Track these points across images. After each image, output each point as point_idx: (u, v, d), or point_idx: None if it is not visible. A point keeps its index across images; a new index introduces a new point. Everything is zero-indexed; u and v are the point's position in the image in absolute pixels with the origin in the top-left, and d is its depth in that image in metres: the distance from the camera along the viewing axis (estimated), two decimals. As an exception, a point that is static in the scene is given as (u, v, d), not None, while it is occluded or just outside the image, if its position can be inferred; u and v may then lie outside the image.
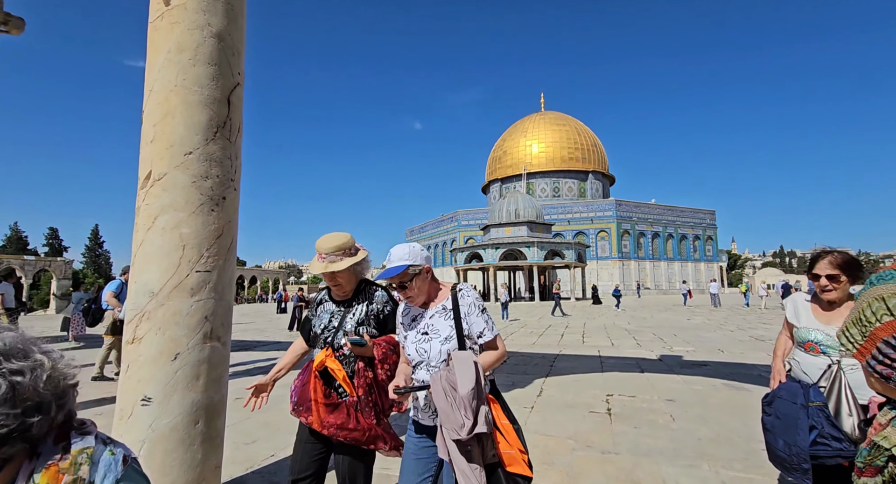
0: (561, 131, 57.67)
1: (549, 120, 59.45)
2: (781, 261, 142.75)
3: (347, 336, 1.79)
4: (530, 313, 20.51)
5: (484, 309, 1.66)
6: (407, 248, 1.65)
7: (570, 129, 58.28)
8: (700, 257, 55.39)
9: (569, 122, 59.49)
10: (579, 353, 8.12)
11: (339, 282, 1.85)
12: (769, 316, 16.85)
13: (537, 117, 60.52)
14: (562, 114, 61.76)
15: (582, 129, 59.54)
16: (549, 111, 62.88)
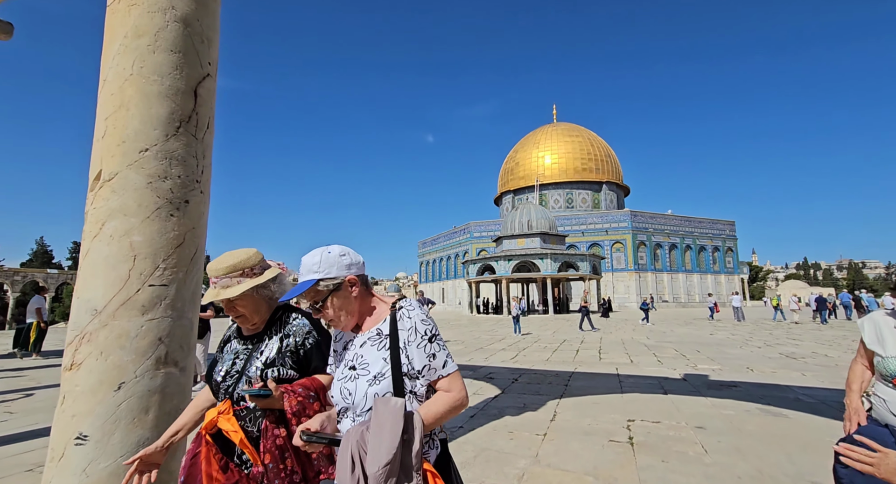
0: (574, 142, 57.30)
1: (562, 131, 59.20)
2: (806, 273, 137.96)
3: (249, 385, 1.37)
4: (544, 327, 19.92)
5: (434, 336, 1.25)
6: (319, 254, 1.27)
7: (583, 139, 57.88)
8: (720, 269, 53.78)
9: (581, 133, 59.13)
10: (596, 371, 7.64)
11: (241, 312, 1.44)
12: (797, 331, 15.97)
13: (549, 128, 60.34)
14: (574, 125, 61.47)
15: (595, 139, 59.08)
16: (561, 122, 62.69)
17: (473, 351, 11.02)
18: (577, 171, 55.80)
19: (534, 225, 35.92)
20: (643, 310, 21.88)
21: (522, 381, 6.71)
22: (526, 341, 13.23)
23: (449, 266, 57.03)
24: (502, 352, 10.71)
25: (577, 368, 7.94)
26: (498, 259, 34.62)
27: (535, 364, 8.57)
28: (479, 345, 12.38)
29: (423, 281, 65.04)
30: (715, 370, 7.56)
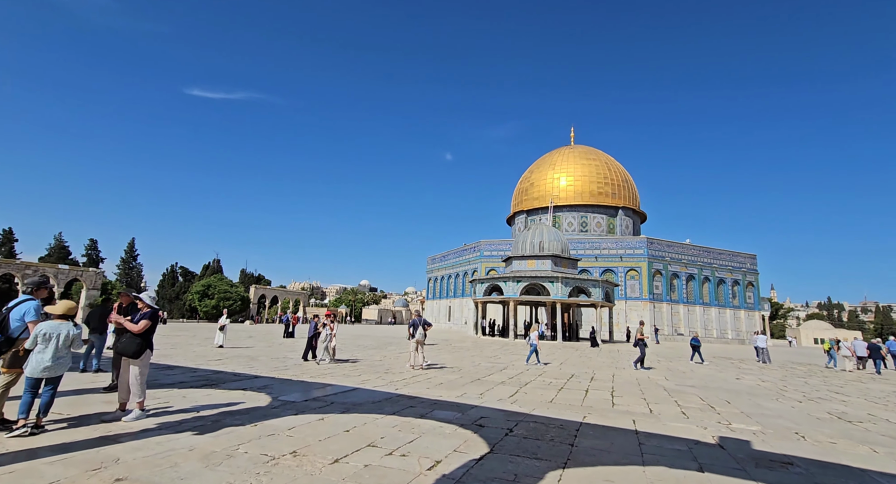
0: (590, 165, 56.24)
1: (579, 154, 58.27)
2: (829, 313, 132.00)
3: None
4: (551, 356, 18.43)
5: None
6: None
7: (600, 163, 56.80)
8: (740, 304, 51.26)
9: (599, 157, 58.09)
10: (608, 423, 6.33)
11: None
12: (836, 382, 14.22)
13: (566, 151, 59.49)
14: (592, 148, 60.54)
15: (612, 163, 57.94)
16: (578, 145, 61.84)
17: (469, 383, 9.75)
18: (592, 195, 54.53)
19: (545, 247, 34.60)
20: (694, 347, 18.98)
21: (518, 433, 5.46)
22: (529, 374, 11.88)
23: (457, 284, 55.69)
24: (501, 386, 9.42)
25: (587, 417, 6.64)
26: (507, 280, 33.26)
27: (537, 407, 7.28)
28: (478, 375, 11.09)
29: (430, 298, 63.68)
30: (756, 434, 6.17)
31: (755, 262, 53.82)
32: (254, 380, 8.57)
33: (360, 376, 9.74)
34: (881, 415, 8.30)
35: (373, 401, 6.94)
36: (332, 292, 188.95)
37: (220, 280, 52.41)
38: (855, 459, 5.14)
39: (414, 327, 11.55)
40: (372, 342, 22.41)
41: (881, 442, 6.09)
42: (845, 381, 14.66)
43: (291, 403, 6.44)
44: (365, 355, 15.42)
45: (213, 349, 15.10)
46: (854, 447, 5.73)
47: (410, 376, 10.19)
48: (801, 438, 6.04)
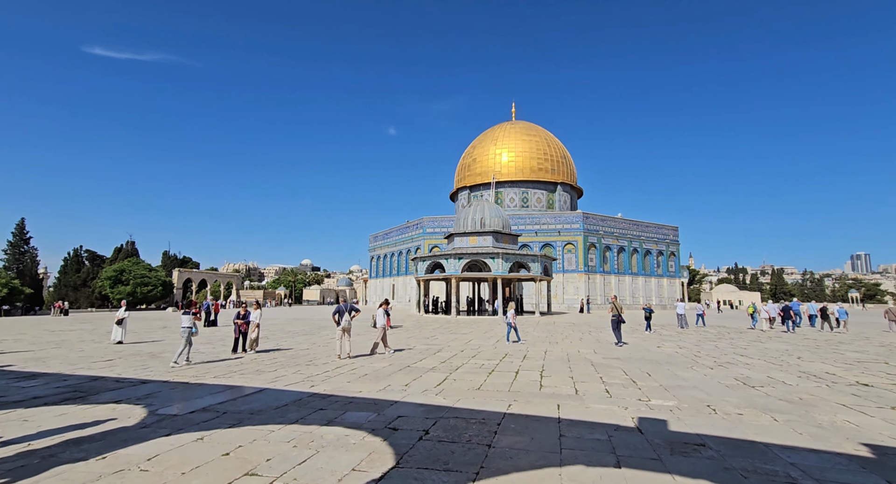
0: (531, 141, 56.89)
1: (520, 129, 58.63)
2: (736, 277, 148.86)
3: None
4: (489, 333, 18.50)
5: None
6: None
7: (540, 139, 57.64)
8: (663, 273, 55.72)
9: (539, 133, 58.88)
10: (532, 411, 6.06)
11: None
12: (741, 343, 15.59)
13: (508, 126, 59.59)
14: (532, 124, 61.16)
15: (552, 140, 59.07)
16: (519, 121, 62.17)
17: (397, 371, 9.20)
18: (533, 171, 55.46)
19: (487, 223, 34.67)
20: (646, 318, 19.97)
21: (434, 435, 4.96)
22: (463, 356, 11.60)
23: (400, 262, 54.90)
24: (431, 374, 8.97)
25: (511, 406, 6.34)
26: (448, 257, 33.04)
27: (463, 397, 6.88)
28: (409, 361, 10.58)
29: (373, 276, 62.41)
30: (673, 411, 6.22)
31: (677, 233, 58.41)
32: (138, 387, 7.33)
33: (274, 372, 8.81)
34: (778, 376, 8.96)
35: (277, 406, 6.12)
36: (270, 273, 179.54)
37: (136, 264, 47.20)
38: (759, 431, 5.26)
39: (339, 314, 10.70)
40: (305, 327, 21.21)
41: (780, 408, 6.40)
42: (748, 342, 16.11)
43: (170, 417, 5.44)
44: (293, 343, 14.36)
45: (109, 347, 13.22)
46: (758, 417, 5.92)
47: (334, 368, 9.43)
48: (713, 412, 6.17)
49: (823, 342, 16.40)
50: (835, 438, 5.09)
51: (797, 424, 5.60)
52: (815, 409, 6.44)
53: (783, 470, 4.07)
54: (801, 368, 10.21)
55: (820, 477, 3.93)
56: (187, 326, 9.44)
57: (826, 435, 5.18)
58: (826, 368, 10.26)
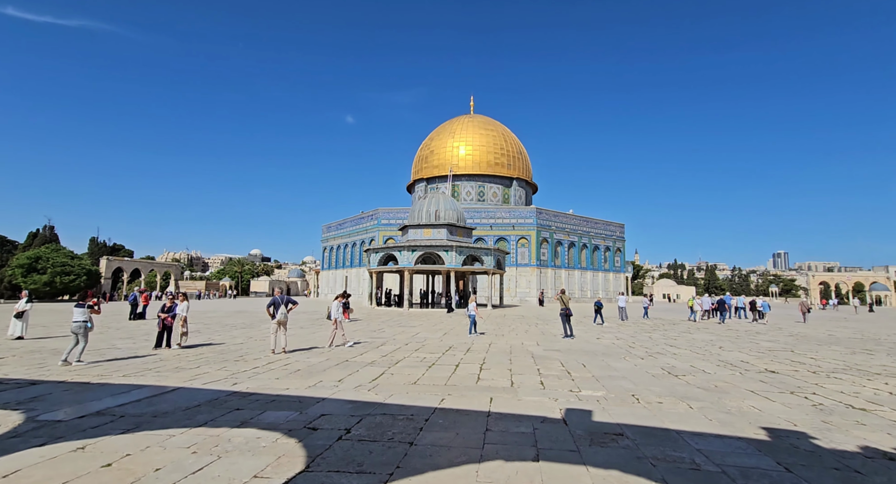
0: (488, 136, 57.33)
1: (478, 123, 58.88)
2: (674, 273, 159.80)
3: None
4: (437, 326, 18.46)
5: None
6: None
7: (498, 134, 58.23)
8: (610, 268, 58.51)
9: (496, 128, 59.44)
10: (464, 406, 5.99)
11: None
12: (673, 333, 16.61)
13: (466, 120, 59.64)
14: (490, 118, 61.62)
15: (508, 135, 59.86)
16: (477, 114, 62.41)
17: (334, 366, 8.85)
18: (490, 165, 55.99)
19: (441, 215, 34.56)
20: (597, 310, 20.92)
21: (356, 434, 4.72)
22: (406, 350, 11.41)
23: (354, 253, 53.69)
24: (369, 368, 8.70)
25: (444, 400, 6.23)
26: (402, 249, 32.63)
27: (397, 392, 6.68)
28: (348, 355, 10.23)
29: (325, 268, 60.62)
30: (600, 401, 6.39)
31: (623, 230, 61.47)
32: (25, 389, 6.46)
33: (196, 369, 8.16)
34: (699, 365, 9.55)
35: (187, 407, 5.61)
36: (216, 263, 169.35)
37: (56, 251, 42.64)
38: (675, 419, 5.49)
39: (275, 306, 10.11)
40: (246, 320, 20.11)
41: (697, 396, 6.77)
42: (679, 333, 17.19)
43: (52, 424, 4.79)
44: (227, 337, 13.50)
45: (4, 343, 11.73)
46: (676, 405, 6.21)
47: (265, 364, 8.91)
48: (637, 401, 6.40)
49: (743, 333, 17.84)
50: (739, 423, 5.41)
51: (709, 411, 5.92)
52: (726, 395, 6.87)
53: (689, 456, 4.23)
54: (721, 357, 10.97)
55: (720, 461, 4.12)
56: (80, 320, 8.42)
57: (732, 420, 5.50)
58: (742, 356, 11.08)
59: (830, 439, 4.86)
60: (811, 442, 4.77)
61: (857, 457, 4.34)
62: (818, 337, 16.53)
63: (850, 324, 25.06)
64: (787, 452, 4.43)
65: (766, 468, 4.00)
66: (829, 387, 7.57)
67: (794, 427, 5.29)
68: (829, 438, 4.91)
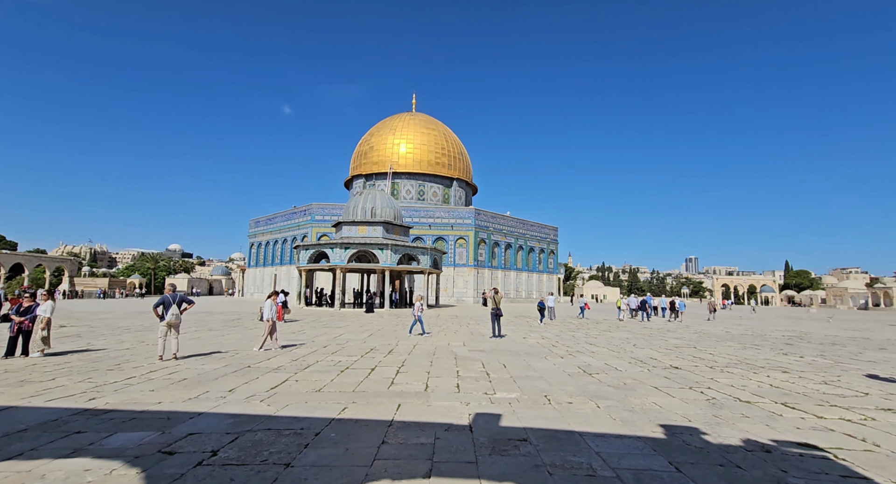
0: (430, 135, 57.13)
1: (419, 121, 58.46)
2: (603, 274, 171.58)
3: None
4: (365, 327, 17.69)
5: None
6: None
7: (439, 133, 58.25)
8: (544, 269, 60.98)
9: (438, 127, 59.44)
10: (366, 415, 5.46)
11: None
12: (595, 332, 17.37)
13: (407, 117, 58.95)
14: (432, 118, 61.50)
15: (450, 135, 60.14)
16: (419, 113, 62.00)
17: (231, 373, 7.86)
18: (430, 164, 55.80)
19: (378, 213, 33.61)
20: (540, 310, 21.41)
21: (223, 456, 4.00)
22: (322, 353, 10.60)
23: (284, 250, 50.69)
24: (272, 374, 7.85)
25: (346, 410, 5.65)
26: (334, 246, 31.20)
27: (293, 402, 5.97)
28: (253, 360, 9.22)
29: (252, 265, 56.59)
30: (511, 403, 6.18)
31: (557, 233, 64.41)
32: None
33: (48, 382, 6.77)
34: (613, 363, 9.86)
35: (6, 432, 4.48)
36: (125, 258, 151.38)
37: None
38: (581, 420, 5.40)
39: (164, 306, 8.82)
40: (146, 322, 17.81)
41: (606, 394, 6.83)
42: (600, 332, 18.02)
43: None
44: (113, 342, 11.70)
45: None
46: (585, 404, 6.18)
47: (145, 373, 7.68)
48: (548, 402, 6.29)
49: (657, 330, 19.16)
50: (640, 421, 5.45)
51: (615, 410, 5.94)
52: (633, 393, 7.01)
53: (587, 461, 4.07)
54: (634, 354, 11.48)
55: (616, 465, 4.00)
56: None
57: (634, 419, 5.53)
58: (652, 353, 11.70)
59: (718, 434, 5.01)
60: (702, 437, 4.87)
61: (740, 451, 4.46)
62: (717, 334, 18.18)
63: (743, 322, 28.15)
64: (680, 450, 4.46)
65: (658, 469, 3.93)
66: (722, 381, 8.08)
67: (689, 423, 5.43)
68: (718, 432, 5.06)
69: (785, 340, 16.03)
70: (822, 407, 6.32)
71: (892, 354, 12.62)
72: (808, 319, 34.85)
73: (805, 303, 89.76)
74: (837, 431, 5.20)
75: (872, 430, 5.30)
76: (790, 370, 9.39)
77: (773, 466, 4.08)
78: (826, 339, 17.09)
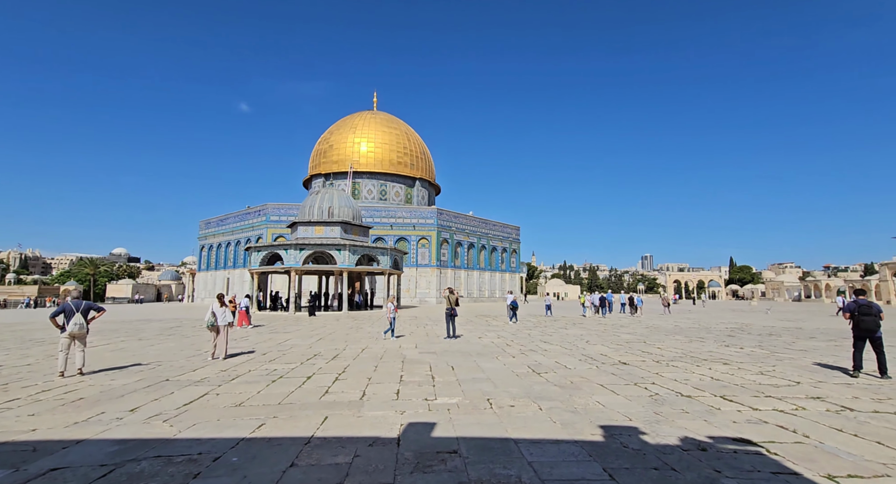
0: (392, 134, 56.29)
1: (381, 120, 57.49)
2: (564, 273, 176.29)
3: None
4: (317, 332, 16.84)
5: None
6: None
7: (401, 133, 57.52)
8: (506, 268, 61.59)
9: (400, 126, 58.69)
10: (283, 432, 4.87)
11: None
12: (550, 329, 17.41)
13: (368, 115, 57.82)
14: (393, 117, 60.66)
15: (412, 134, 59.55)
16: (381, 111, 61.01)
17: (143, 389, 6.98)
18: (392, 164, 54.97)
19: (336, 213, 32.53)
20: (512, 309, 21.18)
21: None
22: (259, 361, 9.80)
23: (238, 252, 48.23)
24: (192, 388, 7.05)
25: (262, 426, 5.04)
26: (288, 248, 29.85)
27: (203, 420, 5.28)
28: (174, 373, 8.32)
29: (203, 268, 53.45)
30: (451, 410, 5.78)
31: (519, 232, 65.28)
32: None
33: None
34: (563, 361, 9.72)
35: None
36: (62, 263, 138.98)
37: None
38: (519, 425, 5.07)
39: (66, 315, 7.76)
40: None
41: (551, 395, 6.58)
42: (556, 329, 18.09)
43: None
44: (15, 358, 10.28)
45: None
46: (527, 407, 5.88)
47: (36, 393, 6.67)
48: (489, 406, 5.93)
49: (611, 326, 19.50)
50: (581, 422, 5.19)
51: (557, 412, 5.67)
52: (578, 392, 6.81)
53: (517, 473, 3.71)
54: (585, 351, 11.44)
55: (548, 476, 3.67)
56: None
57: (575, 420, 5.27)
58: (603, 349, 11.71)
59: (657, 433, 4.83)
60: (640, 438, 4.66)
61: (676, 451, 4.27)
62: (667, 328, 18.73)
63: (692, 316, 29.42)
64: (616, 453, 4.20)
65: (590, 478, 3.63)
66: (667, 375, 8.07)
67: (629, 422, 5.23)
68: (657, 431, 4.88)
69: (728, 332, 16.70)
70: (757, 398, 6.35)
71: (820, 343, 13.36)
72: (750, 311, 37.07)
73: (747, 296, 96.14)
74: (771, 423, 5.16)
75: (802, 419, 5.32)
76: (730, 362, 9.60)
77: (707, 466, 3.89)
78: (764, 330, 18.01)
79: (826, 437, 4.70)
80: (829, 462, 4.01)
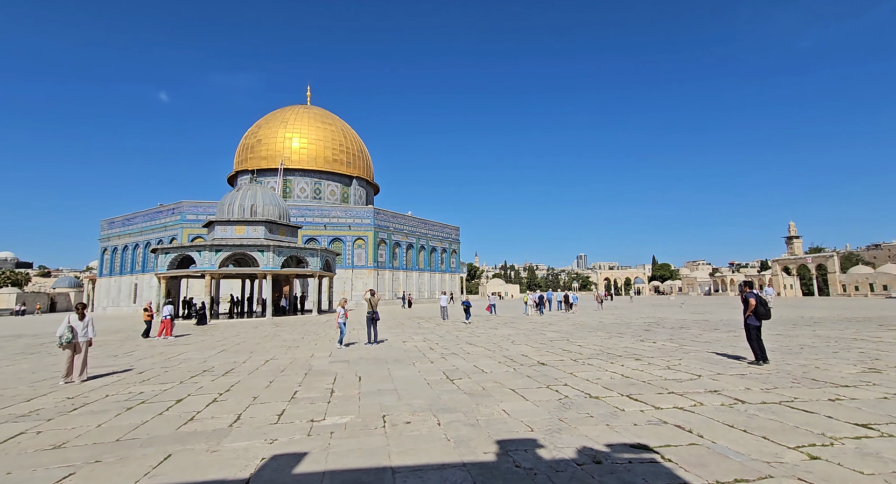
0: (326, 130, 53.83)
1: (314, 115, 54.78)
2: (505, 273, 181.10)
3: None
4: (223, 343, 15.10)
5: None
6: None
7: (336, 129, 55.23)
8: (446, 268, 61.47)
9: (335, 123, 56.36)
10: (106, 478, 3.76)
11: None
12: (480, 330, 17.10)
13: (301, 110, 54.83)
14: (329, 112, 58.17)
15: (349, 131, 57.46)
16: (315, 106, 58.19)
17: None
18: (327, 161, 52.56)
19: (259, 211, 30.10)
20: (465, 309, 21.91)
21: None
22: (125, 383, 8.24)
23: (146, 255, 43.25)
24: (10, 424, 5.53)
25: (71, 476, 3.87)
26: (202, 249, 27.03)
27: (73, 448, 3.98)
28: (7, 400, 6.62)
29: (105, 274, 47.30)
30: (336, 432, 4.96)
31: (458, 233, 65.50)
32: None
33: None
34: (482, 364, 9.25)
35: None
36: None
37: None
38: (407, 447, 4.38)
39: None
40: None
41: (457, 405, 5.99)
42: (485, 329, 17.83)
43: None
44: None
45: None
46: (424, 423, 5.22)
47: None
48: (382, 425, 5.19)
49: (540, 324, 19.66)
50: (478, 438, 4.63)
51: (455, 426, 5.07)
52: (487, 399, 6.29)
53: (374, 522, 2.99)
54: (508, 352, 11.11)
55: (413, 522, 2.99)
56: None
57: (472, 436, 4.70)
58: (525, 349, 11.47)
59: (556, 444, 4.38)
60: (536, 453, 4.17)
61: (570, 467, 3.82)
62: (592, 324, 19.26)
63: (616, 311, 30.98)
64: (504, 477, 3.65)
65: (464, 518, 3.01)
66: (580, 375, 7.87)
67: (530, 433, 4.76)
68: (555, 442, 4.44)
69: (644, 327, 17.47)
70: (660, 396, 6.24)
71: (724, 334, 14.27)
72: (667, 305, 40.04)
73: (667, 292, 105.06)
74: (669, 423, 4.97)
75: (699, 417, 5.20)
76: (642, 357, 9.72)
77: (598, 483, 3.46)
78: (676, 323, 19.14)
79: (719, 435, 4.56)
80: (719, 465, 3.80)
